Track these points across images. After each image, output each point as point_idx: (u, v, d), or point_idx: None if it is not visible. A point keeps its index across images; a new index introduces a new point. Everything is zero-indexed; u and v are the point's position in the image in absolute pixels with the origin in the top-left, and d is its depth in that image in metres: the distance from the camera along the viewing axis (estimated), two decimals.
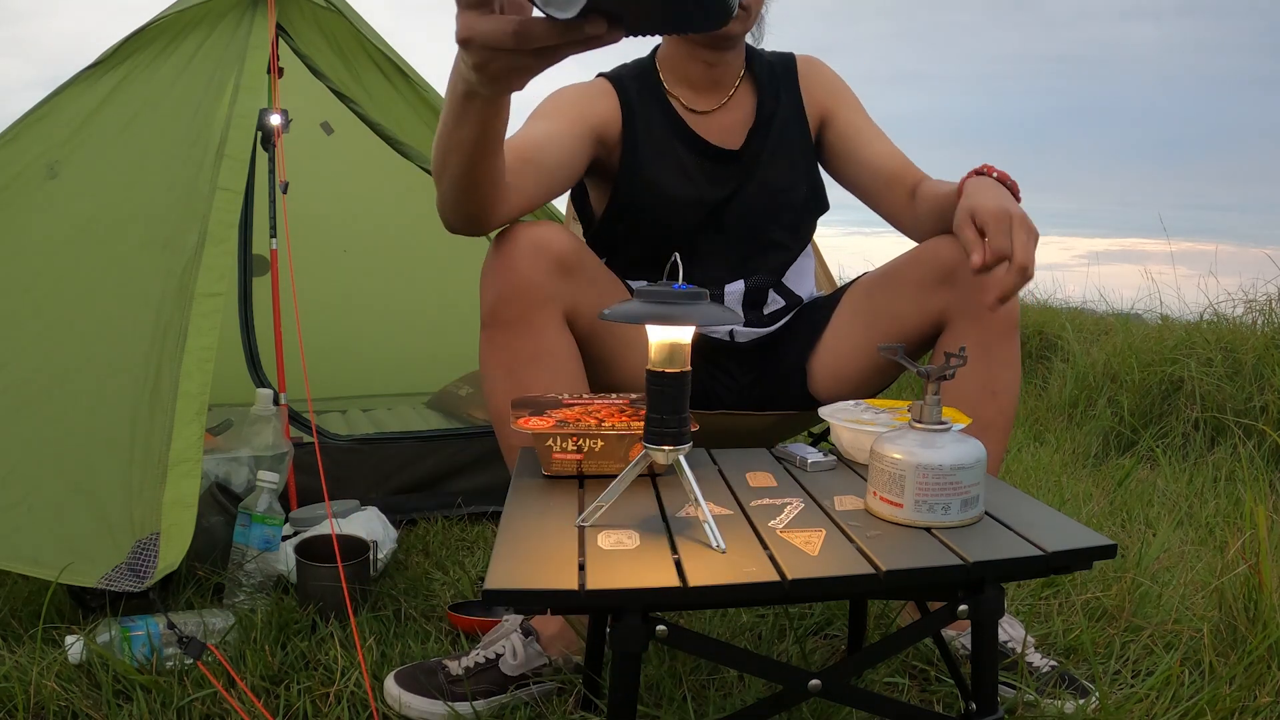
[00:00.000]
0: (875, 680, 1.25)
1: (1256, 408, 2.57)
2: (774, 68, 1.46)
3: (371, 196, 2.69)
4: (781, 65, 1.47)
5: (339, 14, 1.91)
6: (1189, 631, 1.37)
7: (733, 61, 1.42)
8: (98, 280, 1.57)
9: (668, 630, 0.75)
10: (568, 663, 1.22)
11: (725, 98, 1.42)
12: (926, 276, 1.26)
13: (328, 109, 2.15)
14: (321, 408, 2.43)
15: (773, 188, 1.42)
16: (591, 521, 0.86)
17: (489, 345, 1.18)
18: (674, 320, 0.77)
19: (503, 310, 1.16)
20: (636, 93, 1.40)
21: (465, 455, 2.02)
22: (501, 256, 1.16)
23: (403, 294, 2.79)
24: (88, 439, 1.43)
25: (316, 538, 1.48)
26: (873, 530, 0.85)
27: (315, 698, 1.18)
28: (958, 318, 1.23)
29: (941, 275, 1.24)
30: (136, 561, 1.29)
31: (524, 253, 1.15)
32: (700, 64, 1.39)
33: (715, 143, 1.40)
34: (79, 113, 1.72)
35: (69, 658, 1.21)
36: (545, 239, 1.16)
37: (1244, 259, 3.78)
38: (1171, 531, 1.86)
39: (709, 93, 1.42)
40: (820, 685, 0.80)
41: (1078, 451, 2.71)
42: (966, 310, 1.22)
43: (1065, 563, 0.80)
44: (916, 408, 0.88)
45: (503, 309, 1.16)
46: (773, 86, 1.44)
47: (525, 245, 1.16)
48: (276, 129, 1.79)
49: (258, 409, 1.64)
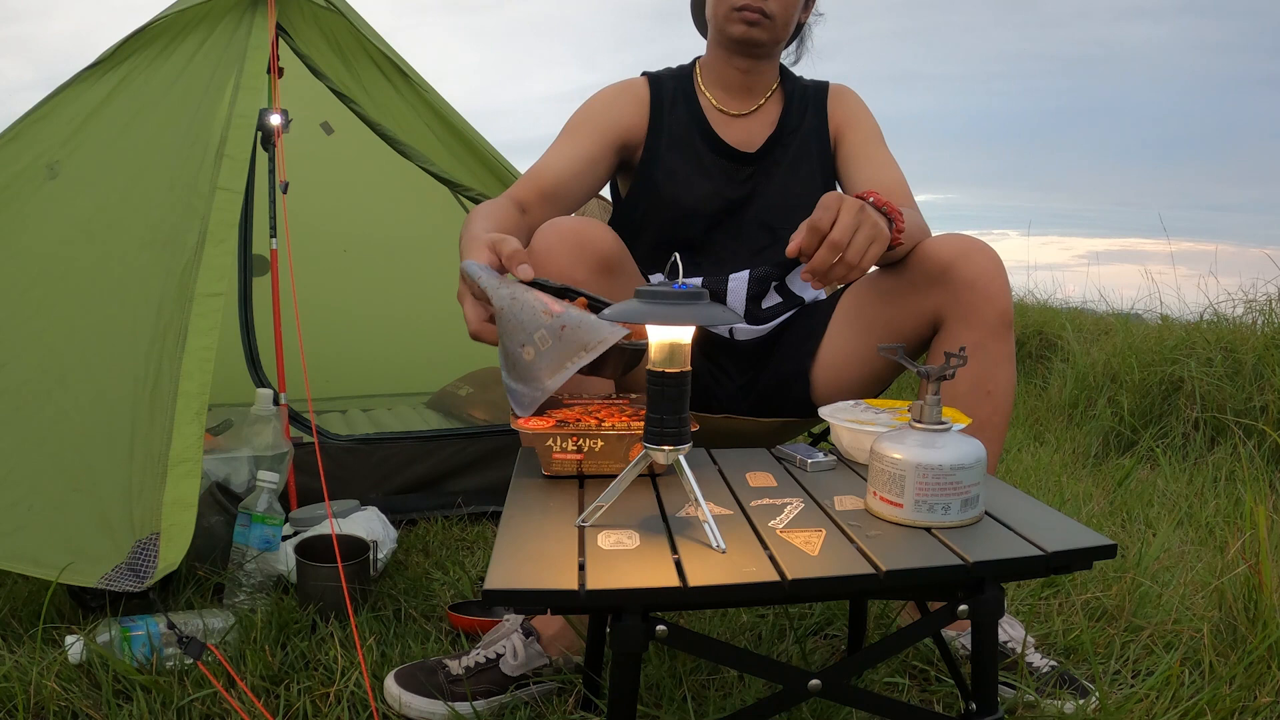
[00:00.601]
0: (875, 680, 1.25)
1: (1256, 408, 2.57)
2: (807, 90, 1.52)
3: (371, 196, 2.69)
4: (815, 89, 1.53)
5: (339, 14, 1.91)
6: (1189, 631, 1.37)
7: (765, 72, 1.49)
8: (98, 280, 1.57)
9: (668, 630, 0.75)
10: (568, 663, 1.22)
11: (755, 105, 1.49)
12: (919, 279, 1.26)
13: (328, 109, 2.15)
14: (321, 408, 2.44)
15: (790, 193, 1.45)
16: (591, 521, 0.86)
17: None
18: (674, 320, 0.77)
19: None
20: (671, 91, 1.49)
21: (465, 455, 2.02)
22: (546, 250, 1.18)
23: (403, 294, 2.79)
24: (88, 439, 1.43)
25: (316, 538, 1.48)
26: (873, 530, 0.85)
27: (315, 698, 1.18)
28: (951, 319, 1.23)
29: (933, 277, 1.24)
30: (136, 561, 1.29)
31: (567, 248, 1.17)
32: (733, 70, 1.47)
33: (734, 144, 1.46)
34: (79, 113, 1.72)
35: (69, 658, 1.21)
36: (590, 236, 1.19)
37: (1244, 259, 3.79)
38: (1171, 531, 1.86)
39: (741, 97, 1.49)
40: (820, 685, 0.80)
41: (1078, 451, 2.71)
42: (959, 311, 1.22)
43: (1065, 563, 0.80)
44: (916, 408, 0.88)
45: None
46: (801, 105, 1.50)
47: (569, 241, 1.18)
48: (276, 129, 1.79)
49: (258, 409, 1.64)
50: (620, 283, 1.22)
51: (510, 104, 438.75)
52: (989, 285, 1.20)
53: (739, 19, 1.39)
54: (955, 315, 1.23)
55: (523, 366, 0.94)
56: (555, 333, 0.94)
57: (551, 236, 1.18)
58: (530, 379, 0.95)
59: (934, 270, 1.23)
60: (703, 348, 1.45)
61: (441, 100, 2.06)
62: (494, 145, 2.12)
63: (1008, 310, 1.21)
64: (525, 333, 0.94)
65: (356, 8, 1.97)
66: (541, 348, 0.94)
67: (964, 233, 1.26)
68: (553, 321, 0.94)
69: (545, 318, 0.94)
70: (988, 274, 1.20)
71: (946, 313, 1.24)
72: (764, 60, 1.47)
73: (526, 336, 0.94)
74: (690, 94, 1.49)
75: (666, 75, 1.52)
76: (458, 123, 2.07)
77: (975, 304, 1.20)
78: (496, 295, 0.97)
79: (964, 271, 1.21)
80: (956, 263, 1.21)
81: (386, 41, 2.00)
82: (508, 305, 0.96)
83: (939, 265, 1.23)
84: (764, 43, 1.42)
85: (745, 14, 1.38)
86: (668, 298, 0.77)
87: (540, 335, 0.94)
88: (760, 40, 1.41)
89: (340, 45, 1.95)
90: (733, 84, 1.48)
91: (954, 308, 1.22)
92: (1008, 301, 1.21)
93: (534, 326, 0.94)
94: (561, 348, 0.93)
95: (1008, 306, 1.21)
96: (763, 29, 1.40)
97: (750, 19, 1.39)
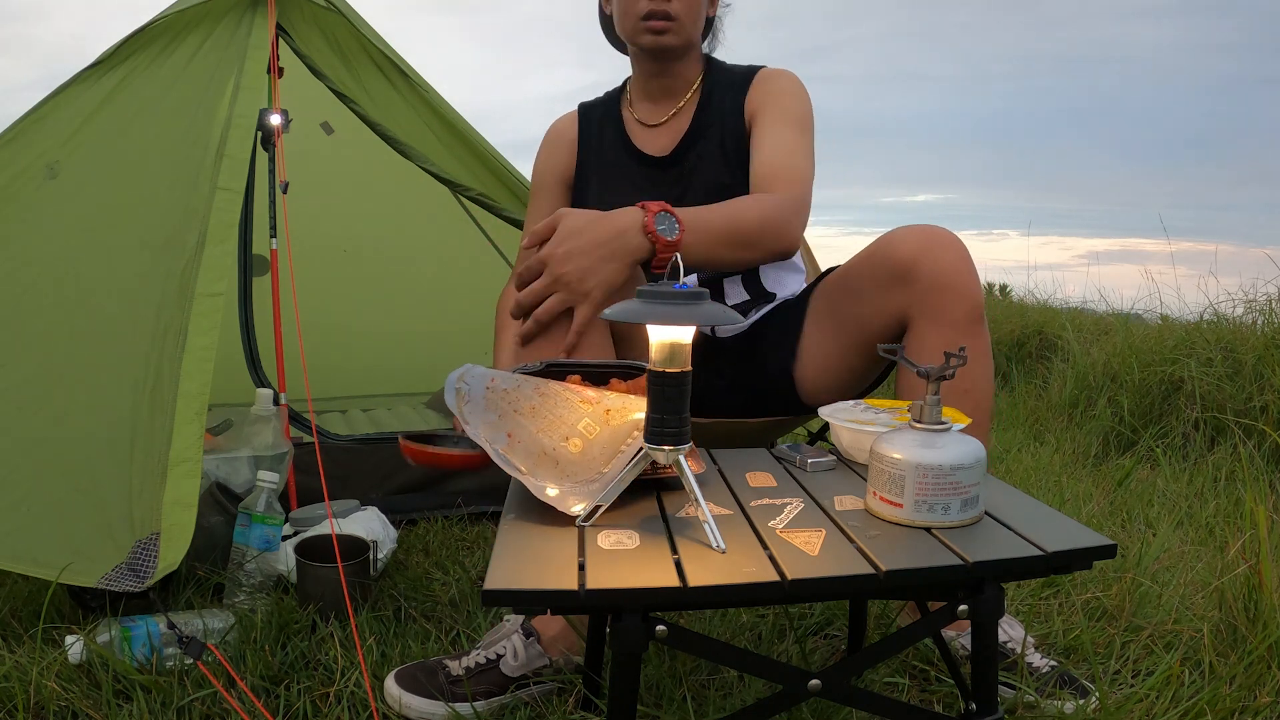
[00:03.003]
0: (875, 680, 1.25)
1: (1256, 408, 2.57)
2: (733, 77, 1.51)
3: (371, 196, 2.70)
4: (741, 76, 1.50)
5: (339, 14, 1.91)
6: (1189, 631, 1.37)
7: (683, 73, 1.51)
8: (98, 280, 1.57)
9: (668, 630, 0.75)
10: (568, 663, 1.22)
11: (674, 109, 1.51)
12: (881, 277, 1.22)
13: (328, 109, 2.15)
14: (321, 408, 2.44)
15: (714, 189, 1.44)
16: (591, 521, 0.86)
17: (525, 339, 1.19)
18: (674, 320, 0.77)
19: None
20: (599, 119, 1.57)
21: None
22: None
23: (403, 294, 2.79)
24: (88, 439, 1.43)
25: (316, 538, 1.48)
26: (873, 530, 0.85)
27: (315, 698, 1.18)
28: (917, 317, 1.19)
29: (896, 275, 1.19)
30: (136, 561, 1.29)
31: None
32: (648, 77, 1.51)
33: (650, 152, 1.50)
34: (79, 113, 1.72)
35: (69, 658, 1.21)
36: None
37: (1244, 259, 3.80)
38: (1171, 531, 1.86)
39: (662, 103, 1.53)
40: (820, 685, 0.80)
41: (1078, 451, 2.71)
42: (925, 310, 1.18)
43: (1065, 563, 0.80)
44: (916, 408, 0.88)
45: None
46: (721, 95, 1.49)
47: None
48: (276, 129, 1.79)
49: (258, 409, 1.64)
50: (629, 286, 1.20)
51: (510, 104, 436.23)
52: (955, 280, 1.15)
53: (645, 29, 1.42)
54: (923, 314, 1.18)
55: (566, 461, 0.91)
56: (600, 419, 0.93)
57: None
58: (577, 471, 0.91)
59: (897, 269, 1.19)
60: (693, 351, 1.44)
61: (441, 100, 2.06)
62: (494, 145, 2.12)
63: (978, 304, 1.17)
64: (567, 425, 0.92)
65: (356, 8, 1.97)
66: (590, 436, 0.92)
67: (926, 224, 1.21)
68: (595, 409, 0.93)
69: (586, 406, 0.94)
70: (953, 269, 1.16)
71: (914, 312, 1.19)
72: (679, 62, 1.49)
73: (569, 429, 0.92)
74: (616, 115, 1.56)
75: (597, 102, 1.59)
76: (458, 123, 2.07)
77: (944, 303, 1.16)
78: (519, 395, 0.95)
79: (927, 269, 1.16)
80: (919, 260, 1.17)
81: (386, 41, 2.00)
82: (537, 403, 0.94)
83: (901, 264, 1.18)
84: (675, 47, 1.45)
85: (651, 24, 1.41)
86: (668, 298, 0.77)
87: (586, 425, 0.93)
88: (671, 46, 1.44)
89: (340, 45, 1.95)
90: (653, 92, 1.52)
91: (921, 307, 1.18)
92: (977, 294, 1.17)
93: (576, 418, 0.93)
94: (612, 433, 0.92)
95: (978, 299, 1.17)
96: (671, 34, 1.42)
97: (657, 28, 1.41)
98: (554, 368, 1.03)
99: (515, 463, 0.91)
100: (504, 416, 0.94)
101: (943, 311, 1.17)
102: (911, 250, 1.18)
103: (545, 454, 0.91)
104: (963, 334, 1.17)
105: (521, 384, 0.95)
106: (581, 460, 0.91)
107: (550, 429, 0.92)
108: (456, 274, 2.71)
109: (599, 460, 0.91)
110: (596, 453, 0.91)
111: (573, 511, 0.87)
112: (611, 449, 0.91)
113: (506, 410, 0.94)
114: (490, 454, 0.91)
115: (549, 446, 0.91)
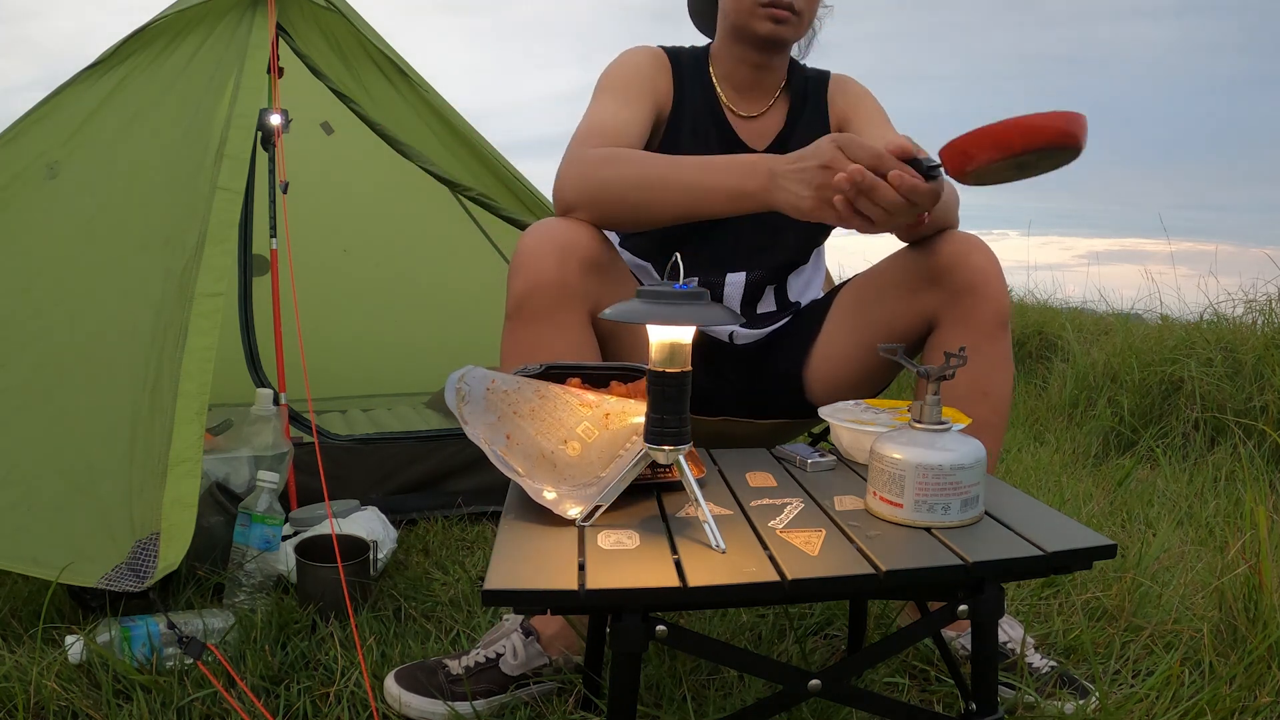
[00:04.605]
0: (875, 680, 1.25)
1: (1256, 408, 2.57)
2: (809, 82, 1.49)
3: (371, 196, 2.69)
4: (816, 81, 1.50)
5: (339, 14, 1.91)
6: (1189, 631, 1.37)
7: (778, 68, 1.45)
8: (98, 280, 1.57)
9: (668, 630, 0.75)
10: (568, 663, 1.22)
11: (765, 106, 1.46)
12: (913, 278, 1.25)
13: (328, 109, 2.15)
14: (321, 408, 2.44)
15: None
16: (591, 522, 0.86)
17: (511, 337, 1.19)
18: (674, 320, 0.77)
19: (528, 304, 1.16)
20: (689, 75, 1.44)
21: (465, 455, 2.02)
22: (532, 251, 1.17)
23: (403, 294, 2.79)
24: (88, 439, 1.43)
25: (316, 538, 1.48)
26: (873, 530, 0.85)
27: (315, 698, 1.18)
28: (946, 319, 1.22)
29: (928, 277, 1.23)
30: (136, 561, 1.29)
31: (554, 249, 1.16)
32: (748, 67, 1.43)
33: (747, 140, 1.44)
34: (79, 113, 1.72)
35: (69, 658, 1.21)
36: (575, 239, 1.17)
37: (1244, 259, 3.80)
38: (1171, 531, 1.86)
39: (751, 95, 1.45)
40: (820, 685, 0.80)
41: (1078, 451, 2.71)
42: (954, 311, 1.21)
43: (1065, 563, 0.80)
44: (916, 408, 0.88)
45: (529, 303, 1.16)
46: (805, 99, 1.47)
47: (556, 242, 1.17)
48: (276, 129, 1.79)
49: (258, 409, 1.64)
50: (608, 282, 1.20)
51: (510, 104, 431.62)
52: (986, 287, 1.19)
53: (766, 15, 1.34)
54: (952, 317, 1.22)
55: (564, 464, 0.91)
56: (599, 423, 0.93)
57: (539, 239, 1.17)
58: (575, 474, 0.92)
59: (932, 271, 1.22)
60: (700, 351, 1.43)
61: (441, 100, 2.06)
62: (494, 145, 2.12)
63: (1005, 311, 1.21)
64: (565, 428, 0.92)
65: (356, 8, 1.97)
66: (588, 440, 0.92)
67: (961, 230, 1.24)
68: (594, 412, 0.93)
69: (585, 410, 0.93)
70: (985, 276, 1.19)
71: (943, 314, 1.23)
72: (780, 56, 1.44)
73: (568, 432, 0.92)
74: (707, 83, 1.44)
75: (684, 57, 1.45)
76: (458, 123, 2.07)
77: (973, 307, 1.19)
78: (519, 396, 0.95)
79: (962, 274, 1.20)
80: (954, 265, 1.20)
81: (386, 41, 2.00)
82: (537, 405, 0.94)
83: (937, 267, 1.22)
84: (789, 40, 1.39)
85: (774, 10, 1.33)
86: (668, 298, 0.77)
87: (584, 428, 0.93)
88: (786, 38, 1.38)
89: (340, 45, 1.95)
90: (744, 82, 1.44)
91: (951, 310, 1.21)
92: (1005, 302, 1.20)
93: (575, 421, 0.93)
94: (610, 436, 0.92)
95: (1005, 307, 1.20)
96: (790, 26, 1.36)
97: (780, 16, 1.34)
98: (554, 370, 1.03)
99: (513, 464, 0.91)
100: (503, 418, 0.94)
101: (970, 314, 1.20)
102: (948, 255, 1.20)
103: (543, 456, 0.91)
104: (988, 338, 1.20)
105: (522, 386, 0.95)
106: (579, 463, 0.91)
107: (549, 432, 0.93)
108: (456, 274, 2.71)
109: (597, 464, 0.91)
110: (594, 456, 0.91)
111: (569, 515, 0.87)
112: (610, 453, 0.91)
113: (506, 412, 0.94)
114: (489, 455, 0.91)
115: (547, 449, 0.91)
